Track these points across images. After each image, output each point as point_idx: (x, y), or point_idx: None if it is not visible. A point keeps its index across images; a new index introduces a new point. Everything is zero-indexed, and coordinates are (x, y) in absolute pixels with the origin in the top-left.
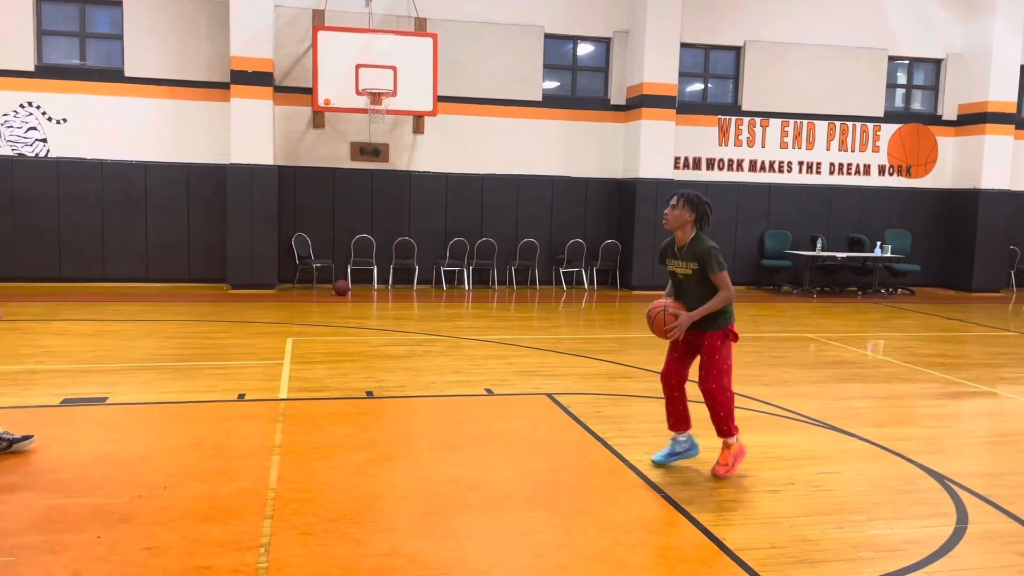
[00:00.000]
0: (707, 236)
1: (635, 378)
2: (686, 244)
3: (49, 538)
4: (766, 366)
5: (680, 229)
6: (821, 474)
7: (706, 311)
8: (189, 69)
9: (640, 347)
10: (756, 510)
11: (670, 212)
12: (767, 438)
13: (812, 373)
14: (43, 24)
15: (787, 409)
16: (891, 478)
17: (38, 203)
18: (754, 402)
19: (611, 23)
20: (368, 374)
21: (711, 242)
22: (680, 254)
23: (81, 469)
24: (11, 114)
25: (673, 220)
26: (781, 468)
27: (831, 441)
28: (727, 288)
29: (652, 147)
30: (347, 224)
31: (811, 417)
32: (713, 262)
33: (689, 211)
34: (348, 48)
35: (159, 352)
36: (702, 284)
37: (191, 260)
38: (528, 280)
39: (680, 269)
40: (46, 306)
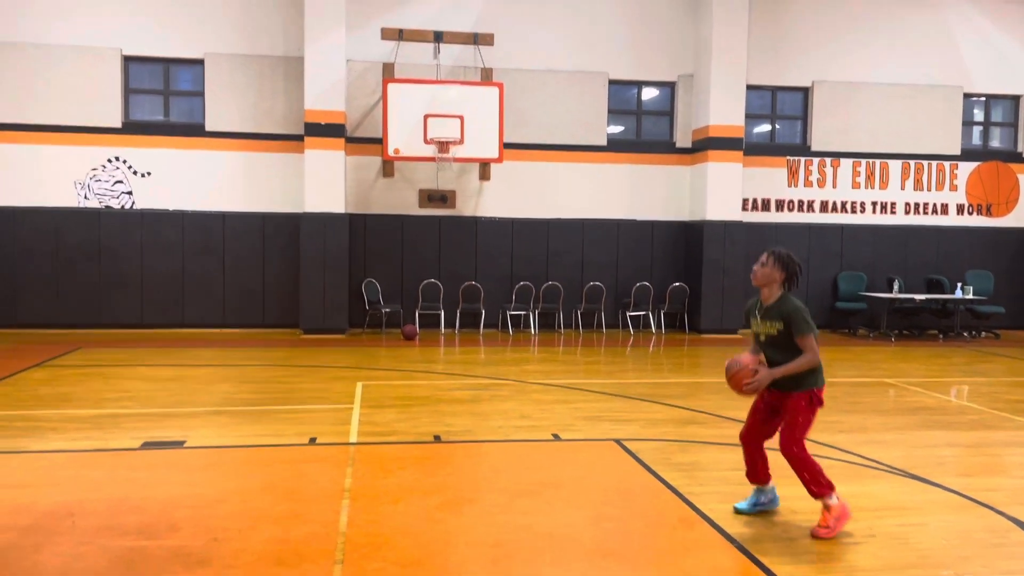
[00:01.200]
0: (794, 296)
1: (706, 424)
2: (772, 303)
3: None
4: (843, 412)
5: (767, 287)
6: (904, 526)
7: (787, 371)
8: (265, 123)
9: (711, 392)
10: (835, 563)
11: (760, 269)
12: (846, 487)
13: (892, 420)
14: (130, 83)
15: (866, 457)
16: (979, 531)
17: (123, 253)
18: (831, 450)
19: (675, 67)
20: (436, 418)
21: (799, 302)
22: (765, 314)
23: (160, 511)
24: (99, 168)
25: (762, 277)
26: (861, 519)
27: (914, 491)
28: (813, 351)
29: (719, 189)
30: (415, 269)
31: (892, 466)
32: (801, 323)
33: (779, 270)
34: (417, 99)
35: (235, 396)
36: (786, 346)
37: (266, 306)
38: (594, 324)
39: (764, 329)
40: (129, 352)
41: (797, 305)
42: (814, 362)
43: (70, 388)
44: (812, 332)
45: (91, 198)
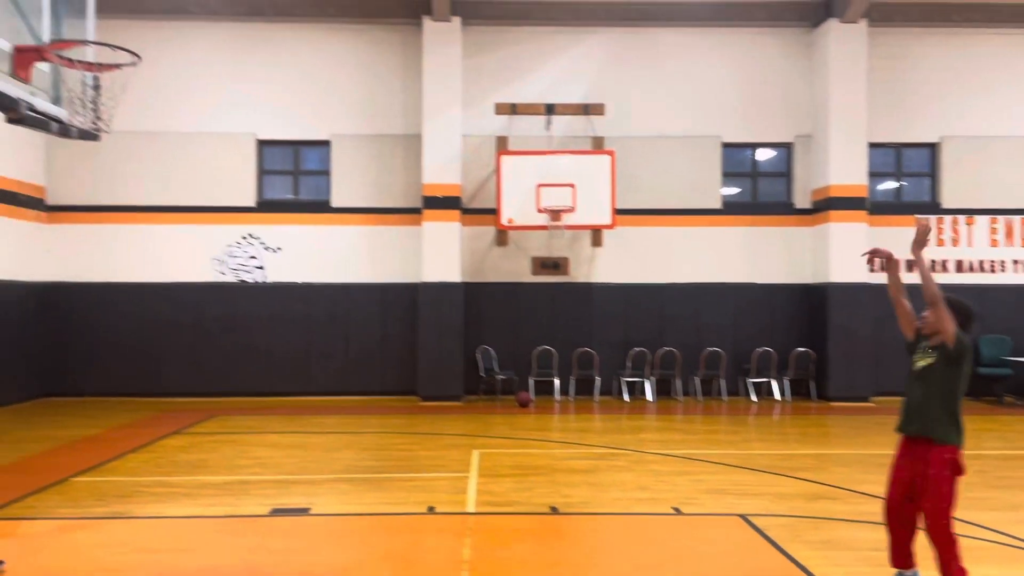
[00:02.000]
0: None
1: (839, 499)
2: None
3: None
4: (992, 488)
5: (937, 335)
6: None
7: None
8: (386, 197)
9: (842, 464)
10: None
11: (930, 314)
12: (996, 570)
13: None
14: (264, 165)
15: (1017, 537)
16: None
17: (255, 324)
18: (979, 529)
19: (792, 128)
20: (552, 488)
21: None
22: (929, 347)
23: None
24: (235, 245)
25: (933, 325)
26: None
27: None
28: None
29: (843, 250)
30: (529, 336)
31: None
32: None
33: (952, 316)
34: (529, 169)
35: (356, 464)
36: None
37: (385, 373)
38: (714, 391)
39: (921, 360)
40: (259, 419)
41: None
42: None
43: (205, 455)
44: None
45: (228, 273)
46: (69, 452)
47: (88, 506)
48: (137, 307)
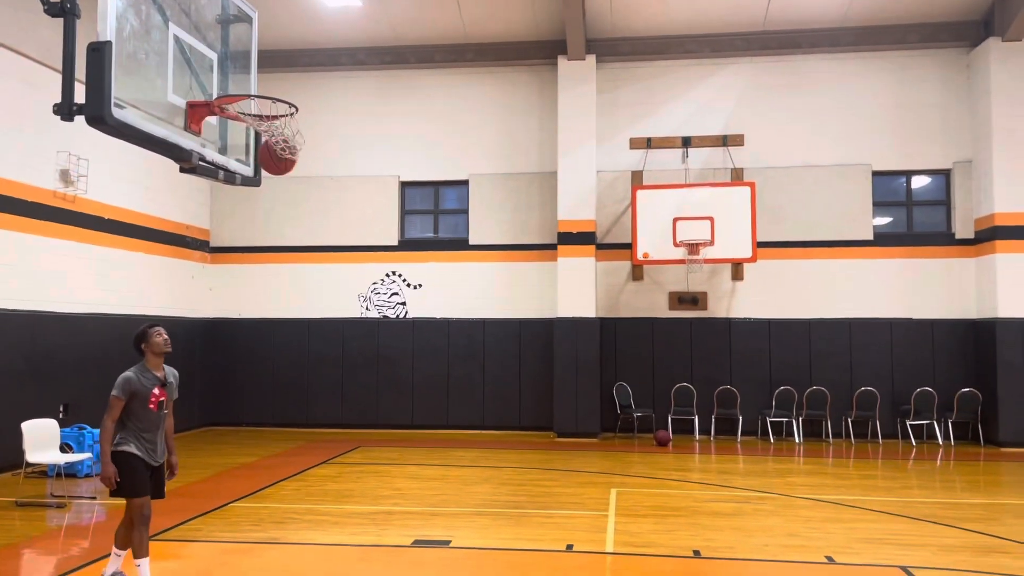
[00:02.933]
0: None
1: (1013, 553)
2: None
3: None
4: None
5: None
6: None
7: None
8: (521, 234)
9: (1017, 516)
10: None
11: None
12: None
13: None
14: (406, 205)
15: None
16: None
17: (397, 358)
18: None
19: (949, 154)
20: (695, 531)
21: None
22: None
23: None
24: (379, 282)
25: None
26: None
27: None
28: None
29: (1011, 283)
30: (667, 373)
31: None
32: None
33: None
34: (665, 203)
35: (495, 498)
36: None
37: (522, 408)
38: (868, 433)
39: None
40: (401, 451)
41: None
42: None
43: (351, 485)
44: None
45: (371, 309)
46: (229, 479)
47: (246, 531)
48: (289, 341)
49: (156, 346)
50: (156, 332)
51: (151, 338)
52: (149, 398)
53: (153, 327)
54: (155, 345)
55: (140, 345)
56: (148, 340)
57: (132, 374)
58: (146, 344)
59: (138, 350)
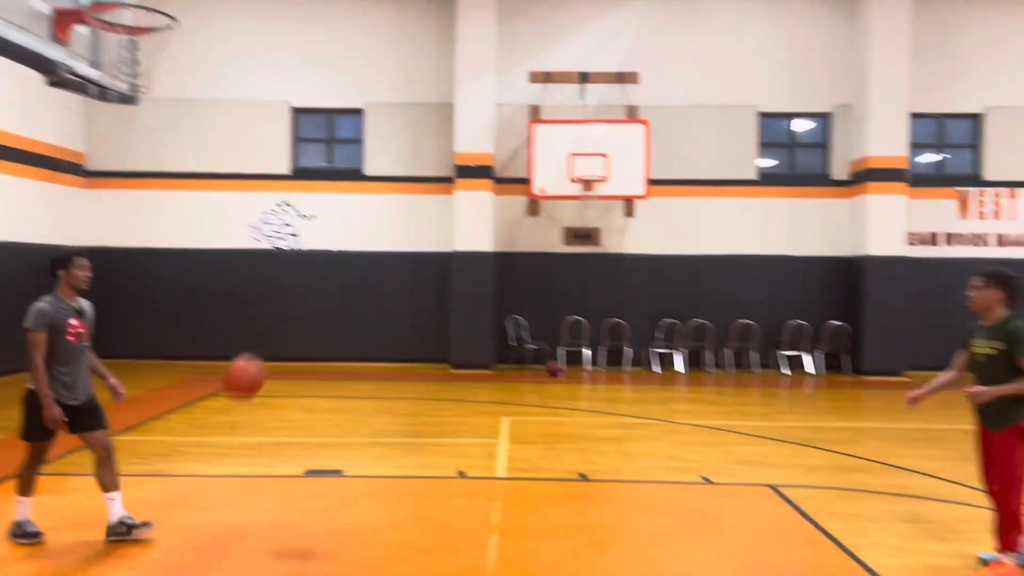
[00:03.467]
0: (1020, 317)
1: (871, 471)
2: (994, 323)
3: None
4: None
5: (988, 310)
6: None
7: (1012, 391)
8: (419, 166)
9: (876, 438)
10: None
11: (976, 294)
12: None
13: None
14: (299, 133)
15: None
16: None
17: (290, 290)
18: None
19: (831, 98)
20: (581, 456)
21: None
22: (986, 333)
23: (321, 538)
24: (270, 212)
25: (980, 301)
26: None
27: None
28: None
29: (880, 223)
30: (560, 307)
31: None
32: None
33: (998, 290)
34: (562, 138)
35: (388, 428)
36: (1005, 368)
37: (418, 341)
38: (745, 364)
39: (981, 349)
40: (293, 383)
41: (1021, 325)
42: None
43: (240, 417)
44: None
45: (262, 240)
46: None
47: (131, 464)
48: (175, 272)
49: (77, 280)
50: (81, 265)
51: (74, 270)
52: (67, 329)
53: (79, 256)
54: (76, 279)
55: (58, 271)
56: (70, 270)
57: (46, 304)
58: (66, 273)
59: (53, 275)
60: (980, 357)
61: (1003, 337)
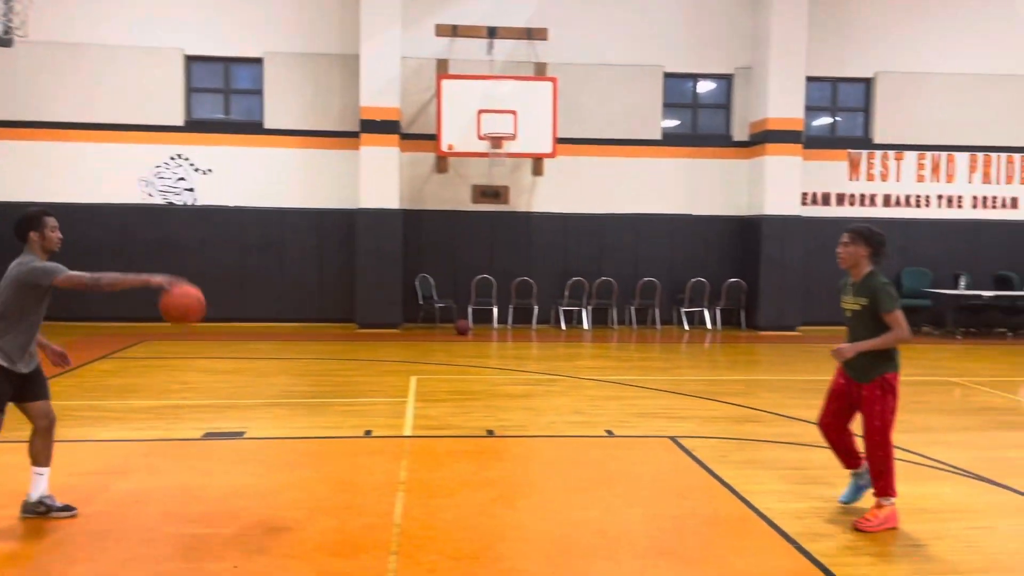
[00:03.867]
0: (881, 273)
1: (764, 422)
2: (860, 279)
3: (191, 565)
4: (907, 412)
5: (855, 266)
6: (972, 529)
7: (875, 346)
8: (322, 120)
9: (769, 390)
10: (900, 566)
11: (843, 250)
12: (911, 488)
13: (959, 420)
14: (192, 82)
15: (932, 458)
16: None
17: (185, 247)
18: (895, 450)
19: (732, 60)
20: (489, 413)
21: (885, 279)
22: (854, 290)
23: (221, 500)
24: (163, 166)
25: (848, 258)
26: (927, 522)
27: (982, 493)
28: (900, 327)
29: (777, 183)
30: (468, 265)
31: (959, 467)
32: (885, 299)
33: (864, 246)
34: (470, 94)
35: (292, 389)
36: (871, 322)
37: (322, 300)
38: (648, 320)
39: (849, 305)
40: (191, 344)
41: (883, 281)
42: (901, 338)
43: (134, 380)
44: (897, 307)
45: (155, 195)
46: None
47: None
48: (61, 227)
49: (51, 242)
50: (53, 226)
51: (47, 231)
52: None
53: (47, 215)
54: (50, 241)
55: (30, 233)
56: (43, 231)
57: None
58: (39, 235)
59: (23, 238)
60: (849, 312)
61: (867, 293)
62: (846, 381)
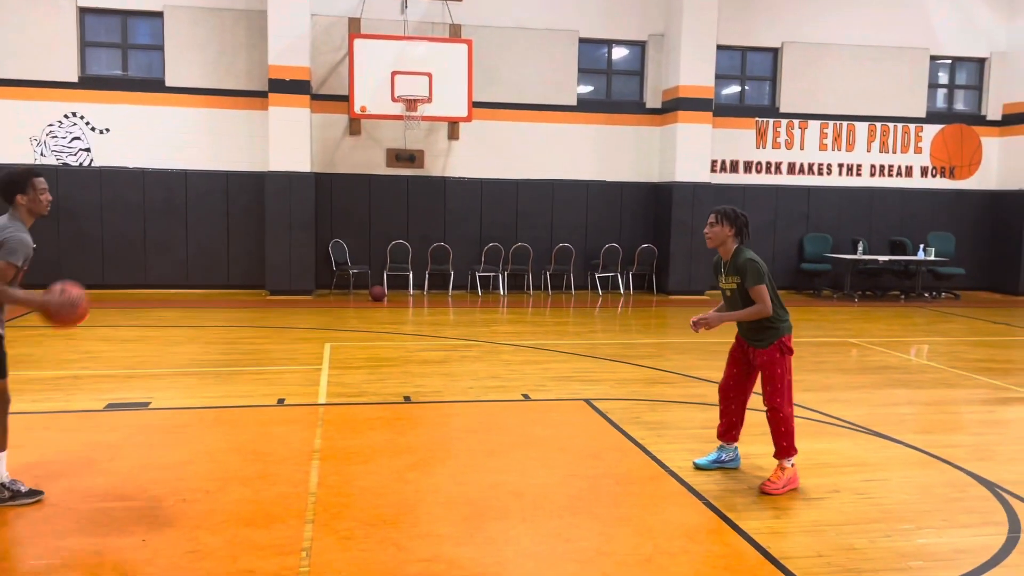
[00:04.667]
0: (748, 249)
1: (673, 383)
2: (729, 259)
3: (95, 540)
4: (807, 372)
5: (722, 245)
6: (867, 482)
7: (737, 318)
8: (228, 79)
9: (678, 352)
10: (801, 518)
11: (710, 231)
12: (811, 444)
13: (855, 379)
14: (86, 36)
15: (830, 415)
16: (939, 486)
17: (82, 211)
18: (796, 408)
19: (646, 26)
20: (405, 379)
21: (751, 254)
22: (726, 270)
23: (126, 473)
24: (56, 124)
25: (714, 237)
26: (826, 475)
27: (876, 448)
28: (763, 300)
29: (688, 150)
30: (383, 230)
31: (855, 423)
32: (752, 273)
33: (728, 226)
34: (384, 56)
35: (201, 358)
36: (747, 298)
37: (230, 267)
38: (563, 285)
39: (725, 285)
40: (91, 313)
41: (749, 256)
42: (764, 311)
43: (30, 349)
44: (762, 282)
45: (48, 155)
46: None
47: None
48: None
49: (40, 205)
50: (43, 187)
51: (38, 193)
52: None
53: (36, 176)
54: (39, 204)
55: (16, 196)
56: (31, 193)
57: (24, 234)
58: (26, 197)
59: (9, 200)
60: (727, 291)
61: (736, 271)
62: (741, 347)
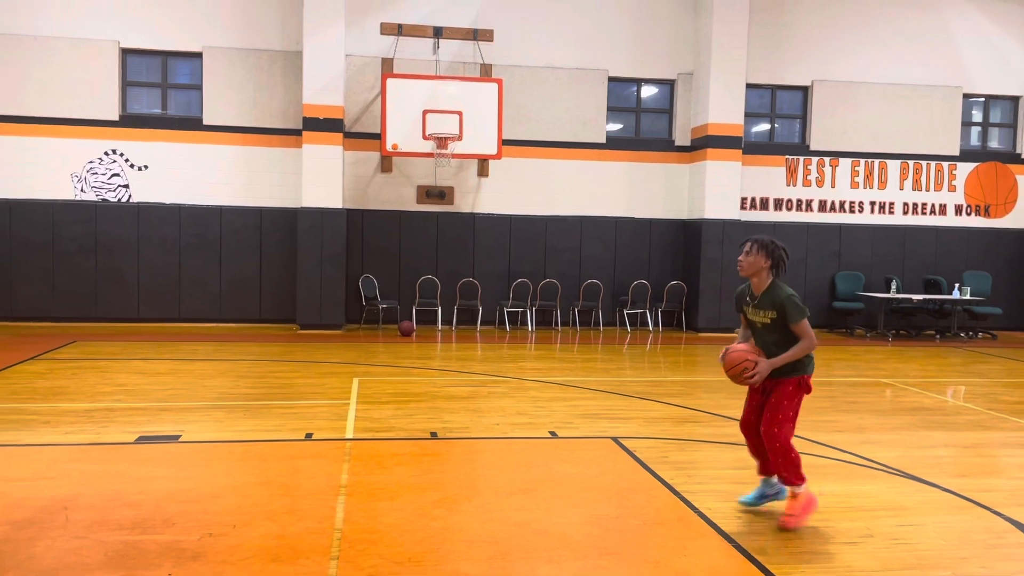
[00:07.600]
0: (784, 283)
1: (703, 423)
2: (763, 292)
3: (123, 573)
4: (840, 412)
5: (756, 276)
6: (901, 526)
7: (787, 359)
8: (264, 117)
9: (707, 391)
10: (833, 563)
11: (744, 259)
12: (843, 487)
13: (889, 420)
14: (128, 76)
15: (863, 457)
16: (977, 531)
17: (119, 246)
18: (829, 449)
19: (675, 65)
20: (433, 415)
21: (789, 289)
22: (757, 302)
23: (154, 506)
24: (96, 161)
25: (748, 267)
26: (858, 519)
27: (911, 491)
28: (809, 337)
29: (717, 188)
30: (412, 266)
31: (889, 466)
32: (794, 311)
33: (764, 257)
34: (415, 94)
35: (231, 391)
36: (781, 332)
37: (262, 301)
38: (592, 321)
39: (757, 318)
40: (124, 345)
41: (788, 292)
42: (811, 347)
43: (65, 382)
44: (806, 316)
45: (88, 191)
46: None
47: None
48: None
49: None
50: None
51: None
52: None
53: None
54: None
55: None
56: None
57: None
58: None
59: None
60: (758, 325)
61: (774, 306)
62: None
